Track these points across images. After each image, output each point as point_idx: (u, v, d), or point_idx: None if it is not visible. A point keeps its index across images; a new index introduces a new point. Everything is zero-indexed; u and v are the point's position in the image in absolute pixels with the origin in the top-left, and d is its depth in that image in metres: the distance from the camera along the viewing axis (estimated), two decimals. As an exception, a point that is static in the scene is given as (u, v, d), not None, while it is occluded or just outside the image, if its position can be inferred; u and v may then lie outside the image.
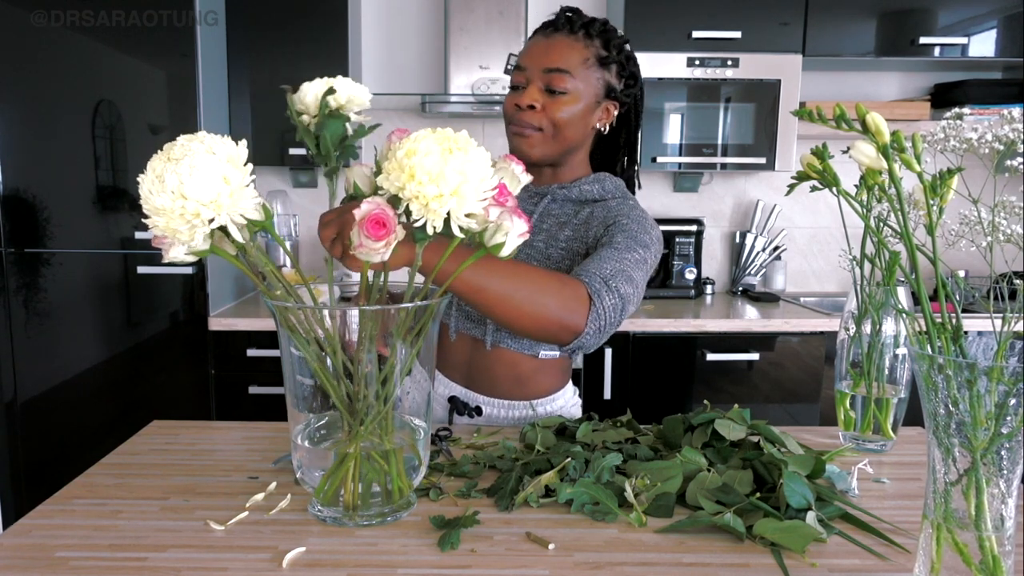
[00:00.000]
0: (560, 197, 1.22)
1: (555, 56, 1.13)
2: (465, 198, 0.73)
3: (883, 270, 1.01)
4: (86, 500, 0.89)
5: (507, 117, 1.18)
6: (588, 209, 1.20)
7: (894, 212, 0.63)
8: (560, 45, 1.14)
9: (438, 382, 1.27)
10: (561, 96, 1.14)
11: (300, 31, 2.41)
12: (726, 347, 2.32)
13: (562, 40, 1.14)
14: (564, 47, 1.14)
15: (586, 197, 1.21)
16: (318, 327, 0.79)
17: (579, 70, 1.14)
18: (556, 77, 1.13)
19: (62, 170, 2.19)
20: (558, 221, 1.21)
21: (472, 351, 1.24)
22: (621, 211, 1.16)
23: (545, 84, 1.14)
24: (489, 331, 1.20)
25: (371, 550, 0.77)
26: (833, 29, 2.47)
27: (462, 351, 1.25)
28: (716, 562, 0.75)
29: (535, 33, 1.19)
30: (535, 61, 1.15)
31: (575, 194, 1.21)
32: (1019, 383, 0.55)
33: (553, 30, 1.16)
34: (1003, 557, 0.60)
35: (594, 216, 1.18)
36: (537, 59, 1.14)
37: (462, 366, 1.25)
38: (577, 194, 1.21)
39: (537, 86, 1.14)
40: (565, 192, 1.21)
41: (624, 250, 1.06)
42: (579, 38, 1.14)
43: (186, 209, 0.68)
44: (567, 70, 1.13)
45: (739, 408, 1.04)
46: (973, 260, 2.80)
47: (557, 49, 1.14)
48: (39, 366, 2.27)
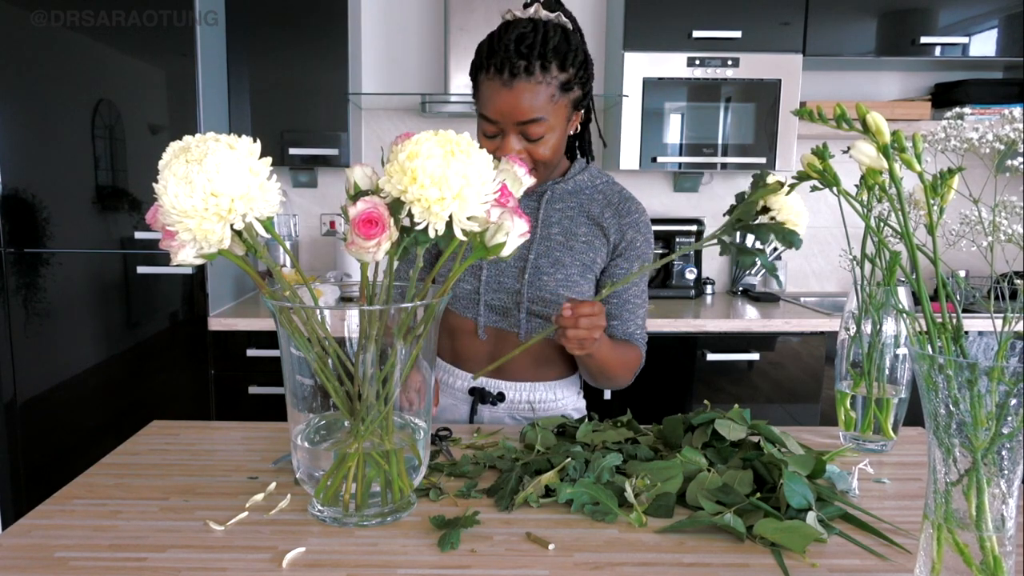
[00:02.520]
0: (559, 191, 1.28)
1: (525, 107, 1.09)
2: (467, 201, 0.73)
3: (883, 270, 1.01)
4: (86, 500, 0.89)
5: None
6: (589, 199, 1.28)
7: (894, 212, 0.63)
8: (524, 93, 1.08)
9: (455, 377, 1.31)
10: (539, 139, 1.12)
11: (300, 31, 2.41)
12: (726, 347, 2.32)
13: (524, 86, 1.08)
14: (528, 94, 1.08)
15: (580, 187, 1.28)
16: (318, 327, 0.79)
17: (548, 107, 1.10)
18: (531, 127, 1.11)
19: (62, 170, 2.19)
20: (566, 215, 1.27)
21: (497, 342, 1.28)
22: (631, 221, 1.27)
23: (521, 132, 1.12)
24: (522, 325, 1.25)
25: (371, 550, 0.77)
26: (833, 29, 2.47)
27: (488, 344, 1.29)
28: (716, 562, 0.75)
29: (492, 75, 1.10)
30: (505, 116, 1.10)
31: (571, 186, 1.28)
32: (1020, 383, 0.55)
33: (511, 76, 1.08)
34: (1004, 557, 0.60)
35: (605, 217, 1.27)
36: (507, 114, 1.09)
37: (486, 357, 1.29)
38: (573, 186, 1.28)
39: (514, 136, 1.12)
40: (563, 187, 1.28)
41: (643, 287, 1.30)
42: (539, 78, 1.08)
43: (220, 206, 0.68)
44: (540, 117, 1.10)
45: (739, 408, 1.04)
46: (973, 260, 2.80)
47: (523, 98, 1.08)
48: (39, 366, 2.26)
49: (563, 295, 1.22)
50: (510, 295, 1.24)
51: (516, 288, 1.24)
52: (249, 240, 0.75)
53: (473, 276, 1.26)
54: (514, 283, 1.24)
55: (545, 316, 1.24)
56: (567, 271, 1.23)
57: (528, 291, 1.23)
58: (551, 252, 1.24)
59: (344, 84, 2.42)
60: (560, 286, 1.23)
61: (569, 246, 1.25)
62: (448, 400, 1.32)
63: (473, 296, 1.26)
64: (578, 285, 1.24)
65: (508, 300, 1.24)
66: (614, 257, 1.27)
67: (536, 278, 1.23)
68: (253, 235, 0.74)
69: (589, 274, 1.26)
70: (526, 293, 1.23)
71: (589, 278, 1.26)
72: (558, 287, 1.23)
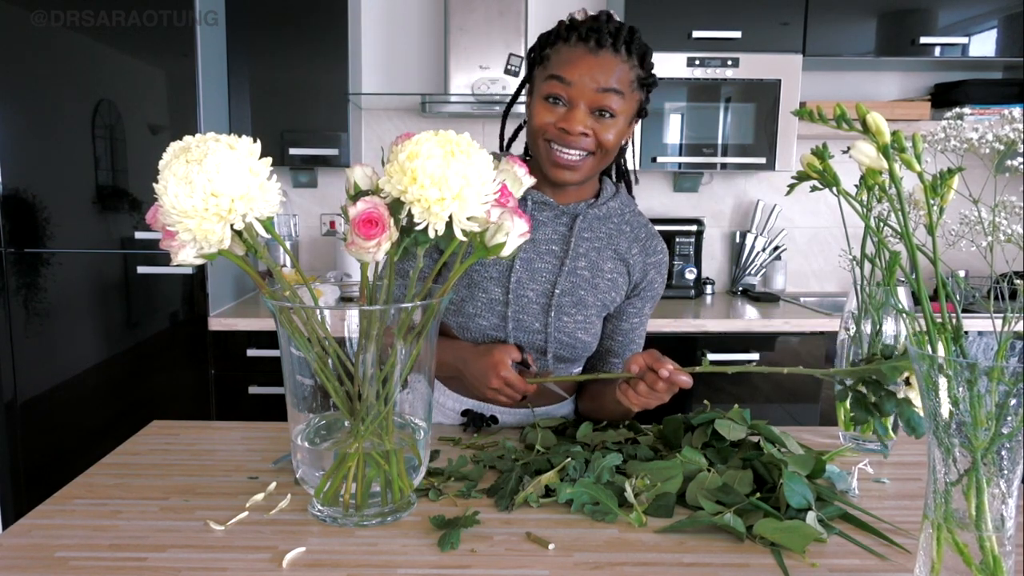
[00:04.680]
0: (590, 217, 1.19)
1: (607, 75, 1.04)
2: (467, 201, 0.73)
3: (883, 270, 1.01)
4: (86, 500, 0.89)
5: (545, 132, 1.08)
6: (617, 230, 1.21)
7: (894, 212, 0.63)
8: (611, 64, 1.04)
9: (446, 396, 1.25)
10: (610, 119, 1.06)
11: (300, 31, 2.41)
12: (726, 347, 2.32)
13: (611, 59, 1.04)
14: (615, 66, 1.04)
15: (611, 213, 1.21)
16: (318, 327, 0.79)
17: (626, 91, 1.06)
18: (609, 98, 1.04)
19: (62, 170, 2.19)
20: (594, 245, 1.19)
21: None
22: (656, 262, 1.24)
23: (595, 105, 1.05)
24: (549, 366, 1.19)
25: (371, 550, 0.77)
26: (833, 29, 2.47)
27: None
28: (716, 562, 0.75)
29: (574, 39, 1.05)
30: (585, 78, 1.03)
31: (603, 212, 1.20)
32: (1019, 383, 0.55)
33: (597, 46, 1.04)
34: (1003, 557, 0.60)
35: (632, 253, 1.21)
36: (588, 77, 1.03)
37: None
38: (605, 212, 1.20)
39: (584, 108, 1.05)
40: (595, 212, 1.19)
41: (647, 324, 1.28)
42: (624, 58, 1.05)
43: (220, 206, 0.68)
44: (621, 91, 1.05)
45: (739, 408, 1.04)
46: (973, 260, 2.80)
47: (609, 68, 1.04)
48: (39, 366, 2.26)
49: (581, 338, 1.18)
50: (533, 335, 1.17)
51: (539, 328, 1.16)
52: (249, 240, 0.75)
53: (493, 314, 1.15)
54: (535, 322, 1.16)
55: (564, 358, 1.19)
56: (587, 312, 1.18)
57: (552, 332, 1.16)
58: (576, 290, 1.17)
59: (344, 84, 2.41)
60: (579, 329, 1.17)
61: (594, 284, 1.18)
62: (440, 419, 1.26)
63: (494, 334, 1.16)
64: (594, 327, 1.19)
65: (530, 341, 1.17)
66: (630, 296, 1.23)
67: (557, 318, 1.16)
68: (253, 235, 0.74)
69: (604, 313, 1.21)
70: (551, 336, 1.16)
71: (602, 317, 1.22)
72: (576, 329, 1.17)
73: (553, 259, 1.17)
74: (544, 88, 1.07)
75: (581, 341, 1.18)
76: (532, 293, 1.16)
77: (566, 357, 1.19)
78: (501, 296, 1.15)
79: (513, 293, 1.15)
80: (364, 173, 0.82)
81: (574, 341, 1.17)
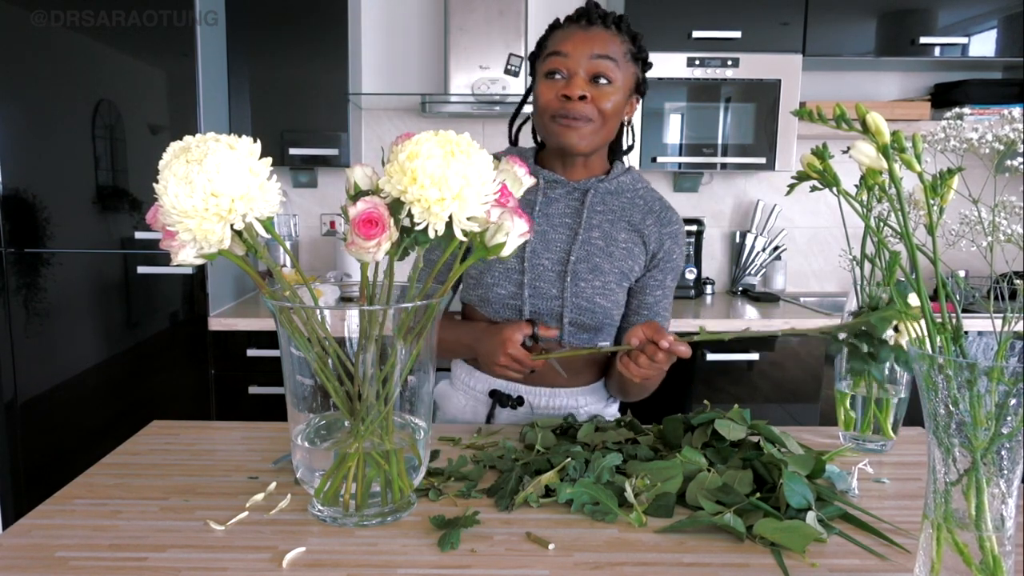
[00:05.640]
0: (602, 191, 1.24)
1: (600, 45, 1.12)
2: (467, 201, 0.73)
3: (883, 270, 1.01)
4: (86, 500, 0.89)
5: (549, 109, 1.15)
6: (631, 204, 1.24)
7: (894, 212, 0.63)
8: (602, 36, 1.13)
9: (475, 379, 1.29)
10: (607, 86, 1.13)
11: (300, 31, 2.41)
12: (726, 347, 2.32)
13: (602, 32, 1.14)
14: (606, 38, 1.13)
15: (622, 188, 1.25)
16: (318, 327, 0.79)
17: (620, 60, 1.14)
18: (604, 64, 1.12)
19: (62, 170, 2.19)
20: (607, 218, 1.23)
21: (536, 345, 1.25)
22: (671, 232, 1.24)
23: (591, 73, 1.13)
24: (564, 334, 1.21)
25: (371, 550, 0.77)
26: (833, 29, 2.47)
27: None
28: (716, 562, 0.75)
29: (566, 23, 1.16)
30: (580, 48, 1.12)
31: (614, 186, 1.24)
32: (1019, 383, 0.55)
33: (588, 23, 1.14)
34: (1003, 557, 0.60)
35: (647, 224, 1.24)
36: (582, 46, 1.12)
37: None
38: (615, 186, 1.24)
39: (582, 75, 1.13)
40: (606, 186, 1.24)
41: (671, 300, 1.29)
42: (614, 32, 1.14)
43: (220, 206, 0.68)
44: (614, 58, 1.13)
45: (739, 408, 1.04)
46: (973, 260, 2.80)
47: (600, 39, 1.13)
48: (39, 366, 2.26)
49: (600, 303, 1.20)
50: (550, 302, 1.21)
51: (556, 294, 1.20)
52: (249, 240, 0.75)
53: (510, 282, 1.21)
54: (552, 288, 1.20)
55: (585, 326, 1.21)
56: (605, 279, 1.21)
57: (569, 298, 1.20)
58: (591, 257, 1.21)
59: (344, 84, 2.42)
60: (597, 294, 1.20)
61: (608, 252, 1.22)
62: (466, 401, 1.30)
63: (512, 302, 1.21)
64: (614, 293, 1.22)
65: (548, 307, 1.21)
66: (649, 268, 1.25)
67: (574, 284, 1.20)
68: (253, 235, 0.74)
69: (625, 282, 1.23)
70: (568, 300, 1.20)
71: (624, 286, 1.24)
72: (595, 295, 1.20)
73: (566, 231, 1.22)
74: (544, 68, 1.16)
75: (600, 306, 1.21)
76: (547, 262, 1.21)
77: (586, 324, 1.22)
78: (517, 265, 1.21)
79: (528, 262, 1.21)
80: (364, 173, 0.82)
81: (592, 306, 1.20)
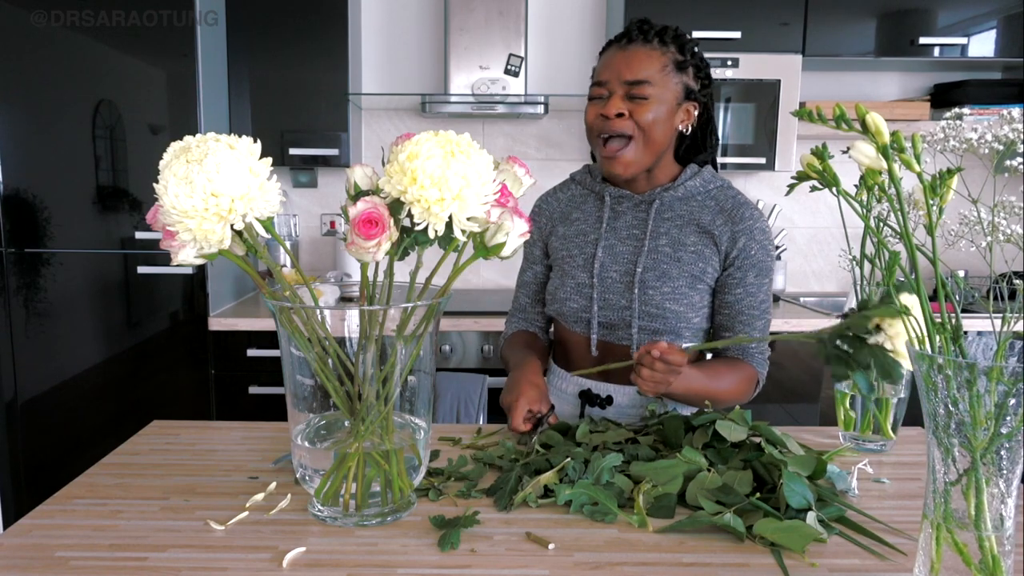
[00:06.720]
0: (668, 199, 1.25)
1: (634, 67, 1.17)
2: (467, 202, 0.73)
3: (883, 270, 1.01)
4: (86, 500, 0.89)
5: (592, 129, 1.22)
6: (701, 206, 1.24)
7: (894, 212, 0.63)
8: (638, 55, 1.18)
9: (566, 381, 1.31)
10: (643, 101, 1.17)
11: (300, 31, 2.41)
12: (726, 347, 2.31)
13: (638, 50, 1.18)
14: (641, 57, 1.17)
15: (691, 193, 1.26)
16: (318, 327, 0.79)
17: (658, 76, 1.17)
18: (640, 87, 1.17)
19: (62, 170, 2.19)
20: (676, 224, 1.25)
21: (607, 356, 1.26)
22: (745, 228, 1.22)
23: (626, 94, 1.17)
24: (634, 339, 1.22)
25: (371, 550, 0.77)
26: (833, 29, 2.47)
27: (600, 359, 1.27)
28: (716, 562, 0.75)
29: (609, 45, 1.22)
30: (614, 74, 1.18)
31: (681, 192, 1.25)
32: (1019, 383, 0.55)
33: (627, 41, 1.19)
34: (1003, 557, 0.60)
35: (716, 225, 1.23)
36: (616, 71, 1.18)
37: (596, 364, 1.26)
38: (683, 192, 1.25)
39: (619, 96, 1.17)
40: (672, 193, 1.25)
41: (763, 298, 1.24)
42: (654, 46, 1.18)
43: (220, 206, 0.68)
44: (646, 80, 1.17)
45: (740, 409, 1.04)
46: (973, 260, 2.80)
47: (635, 59, 1.17)
48: (39, 366, 2.26)
49: (670, 308, 1.21)
50: (620, 312, 1.23)
51: (624, 305, 1.23)
52: (249, 240, 0.75)
53: (581, 296, 1.26)
54: (620, 299, 1.23)
55: (657, 330, 1.22)
56: (674, 283, 1.21)
57: (637, 307, 1.22)
58: (658, 265, 1.22)
59: (344, 84, 2.41)
60: (667, 299, 1.21)
61: (677, 257, 1.22)
62: (557, 403, 1.29)
63: (583, 315, 1.26)
64: (687, 297, 1.22)
65: (618, 317, 1.23)
66: (726, 267, 1.23)
67: (643, 292, 1.21)
68: (253, 235, 0.74)
69: (700, 285, 1.23)
70: (636, 309, 1.21)
71: (700, 289, 1.23)
72: (664, 300, 1.21)
73: (634, 242, 1.26)
74: (590, 94, 1.23)
75: (671, 311, 1.21)
76: (615, 274, 1.25)
77: (656, 328, 1.22)
78: (587, 280, 1.26)
79: (597, 277, 1.25)
80: (364, 173, 0.82)
81: (662, 311, 1.22)
